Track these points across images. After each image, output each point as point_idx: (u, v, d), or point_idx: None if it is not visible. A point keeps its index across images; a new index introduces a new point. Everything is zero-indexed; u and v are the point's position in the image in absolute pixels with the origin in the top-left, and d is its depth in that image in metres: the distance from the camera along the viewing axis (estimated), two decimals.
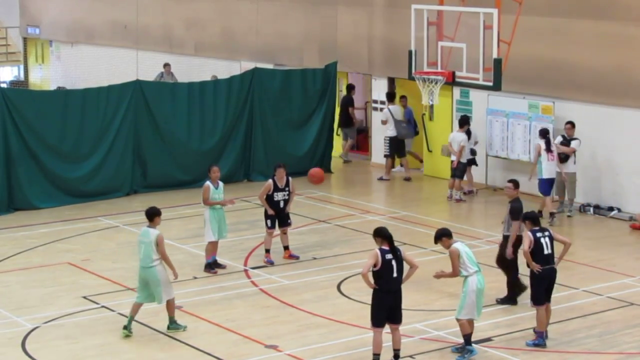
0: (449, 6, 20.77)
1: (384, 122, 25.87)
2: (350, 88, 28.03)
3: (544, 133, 21.57)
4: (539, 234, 14.45)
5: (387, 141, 25.81)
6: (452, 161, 23.53)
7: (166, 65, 31.58)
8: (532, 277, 14.48)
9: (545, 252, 14.40)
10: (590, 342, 14.63)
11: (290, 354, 14.23)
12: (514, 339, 14.68)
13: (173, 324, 15.05)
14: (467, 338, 14.03)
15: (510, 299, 16.24)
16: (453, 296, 15.86)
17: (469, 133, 23.56)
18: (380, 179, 25.75)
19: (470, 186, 23.91)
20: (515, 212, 15.95)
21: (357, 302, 16.16)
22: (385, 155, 25.95)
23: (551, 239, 14.52)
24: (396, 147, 25.81)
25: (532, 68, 23.14)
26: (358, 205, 23.00)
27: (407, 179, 25.56)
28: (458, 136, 23.36)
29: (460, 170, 23.31)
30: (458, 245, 14.03)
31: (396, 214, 22.10)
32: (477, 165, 24.06)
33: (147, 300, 15.01)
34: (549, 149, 21.33)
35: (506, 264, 16.23)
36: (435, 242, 14.29)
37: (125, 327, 14.92)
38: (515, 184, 16.48)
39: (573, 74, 22.59)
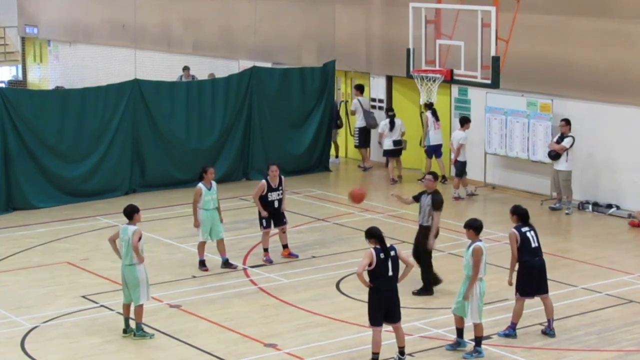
0: (447, 4, 20.75)
1: (353, 113, 26.87)
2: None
3: (430, 105, 23.79)
4: (524, 229, 14.49)
5: (357, 131, 26.81)
6: (450, 159, 23.66)
7: (185, 68, 31.09)
8: (522, 269, 14.50)
9: (533, 245, 14.48)
10: (589, 340, 14.63)
11: (290, 352, 14.22)
12: (513, 337, 14.66)
13: (140, 331, 14.77)
14: (479, 339, 14.00)
15: (426, 290, 16.48)
16: (452, 295, 15.80)
17: (392, 123, 24.89)
18: (364, 168, 26.70)
19: (392, 174, 25.04)
20: (437, 203, 16.28)
21: (356, 300, 16.13)
22: (356, 146, 27.09)
23: (536, 233, 14.59)
24: (365, 137, 26.70)
25: (531, 66, 23.13)
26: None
27: (366, 169, 26.70)
28: (456, 134, 23.43)
29: (459, 169, 23.35)
30: (482, 245, 13.93)
31: (395, 212, 22.08)
32: (400, 153, 25.26)
33: (127, 301, 14.79)
34: (436, 119, 24.20)
35: (419, 255, 16.47)
36: (465, 227, 14.08)
37: (124, 331, 14.86)
38: (435, 176, 16.82)
39: (571, 72, 22.58)
